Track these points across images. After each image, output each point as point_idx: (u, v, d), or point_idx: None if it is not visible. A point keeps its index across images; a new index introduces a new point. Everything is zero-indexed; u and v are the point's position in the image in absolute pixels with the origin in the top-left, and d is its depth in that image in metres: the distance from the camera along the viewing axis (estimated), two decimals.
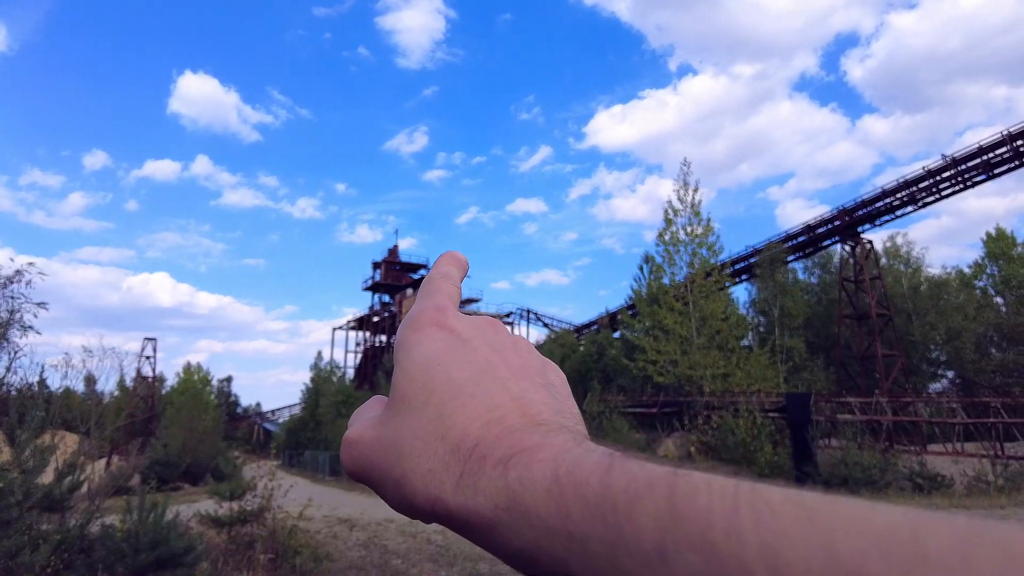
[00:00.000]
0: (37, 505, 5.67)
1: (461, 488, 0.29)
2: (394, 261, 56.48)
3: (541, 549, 0.25)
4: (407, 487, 0.31)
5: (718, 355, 21.24)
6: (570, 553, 0.24)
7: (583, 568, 0.24)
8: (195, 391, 39.78)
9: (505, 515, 0.26)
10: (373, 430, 0.34)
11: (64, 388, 10.63)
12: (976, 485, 14.23)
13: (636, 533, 0.22)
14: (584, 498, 0.24)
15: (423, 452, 0.31)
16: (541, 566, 0.26)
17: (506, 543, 0.27)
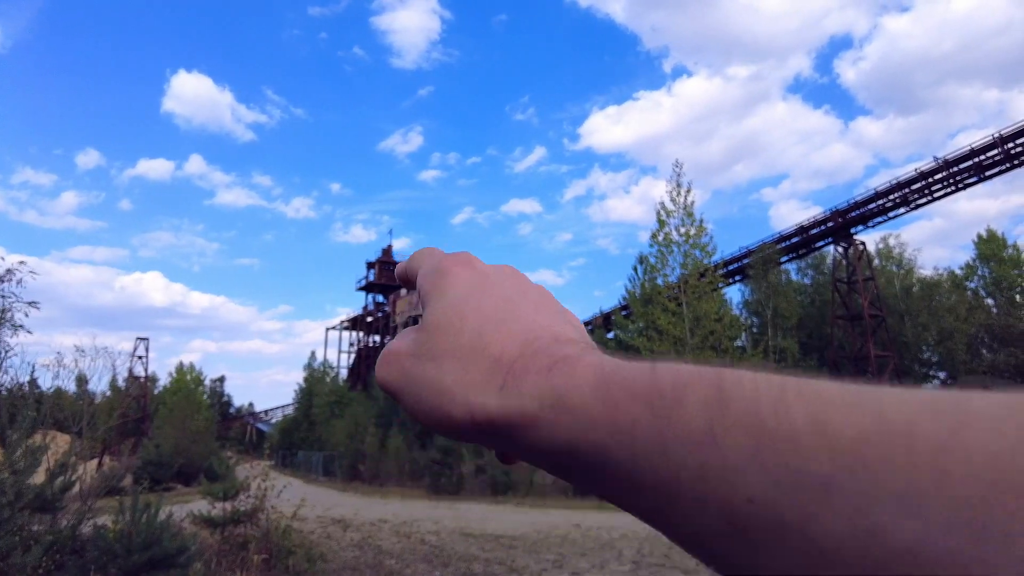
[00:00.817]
0: (28, 506, 5.63)
1: (504, 394, 0.29)
2: (388, 261, 56.41)
3: (585, 441, 0.25)
4: (446, 398, 0.31)
5: (712, 356, 21.29)
6: (615, 442, 0.24)
7: (628, 456, 0.24)
8: (188, 391, 39.64)
9: (550, 412, 0.27)
10: (413, 346, 0.35)
11: (55, 388, 10.58)
12: None
13: (684, 417, 0.23)
14: (631, 390, 0.25)
15: (463, 367, 0.32)
16: (581, 458, 0.26)
17: (549, 439, 0.27)
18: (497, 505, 16.68)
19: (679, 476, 0.22)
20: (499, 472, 20.07)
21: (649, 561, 7.97)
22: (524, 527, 11.46)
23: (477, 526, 11.80)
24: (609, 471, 0.25)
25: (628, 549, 8.86)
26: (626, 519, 12.08)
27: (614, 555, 8.49)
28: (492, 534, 10.67)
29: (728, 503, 0.21)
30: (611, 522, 11.73)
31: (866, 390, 0.20)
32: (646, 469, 0.23)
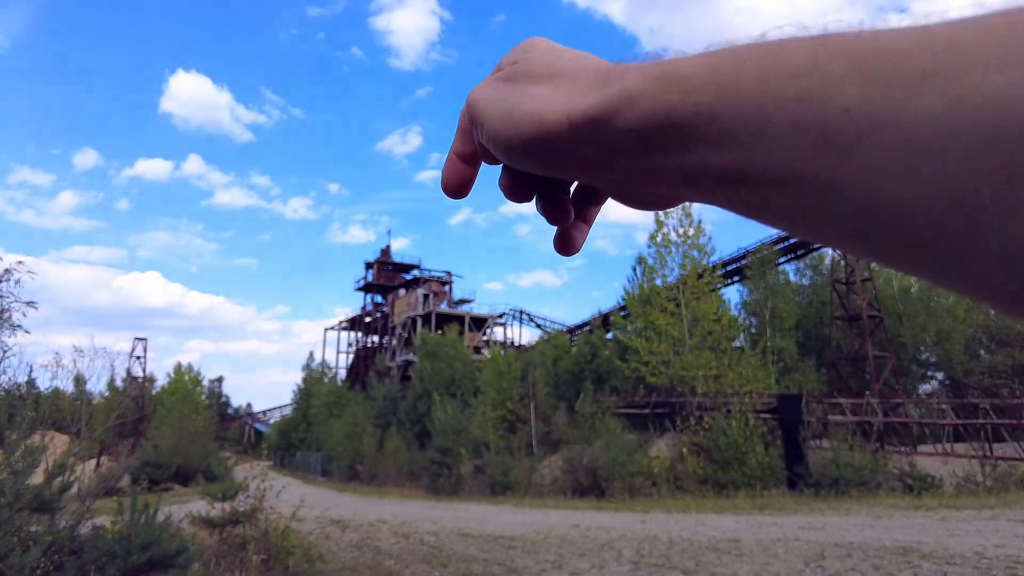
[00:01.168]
0: (27, 506, 5.62)
1: (606, 86, 0.28)
2: (387, 261, 56.35)
3: (687, 107, 0.25)
4: (541, 102, 0.30)
5: (710, 356, 21.30)
6: (719, 98, 0.24)
7: (730, 108, 0.24)
8: (186, 392, 39.60)
9: (653, 86, 0.26)
10: (508, 72, 0.34)
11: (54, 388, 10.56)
12: (965, 486, 14.33)
13: (787, 56, 0.23)
14: (734, 51, 0.25)
15: (563, 79, 0.31)
16: (680, 128, 0.25)
17: (648, 115, 0.26)
18: (496, 505, 16.68)
19: (780, 108, 0.23)
20: (498, 472, 20.07)
21: (648, 561, 7.97)
22: (523, 527, 11.46)
23: (476, 526, 11.79)
24: (708, 132, 0.25)
25: (627, 549, 8.86)
26: (625, 520, 12.08)
27: (613, 555, 8.49)
28: (491, 534, 10.66)
29: (824, 117, 0.22)
30: (610, 522, 11.73)
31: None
32: (748, 114, 0.24)
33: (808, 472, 15.60)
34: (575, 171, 0.31)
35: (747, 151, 0.24)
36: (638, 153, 0.28)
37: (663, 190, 0.31)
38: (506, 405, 25.30)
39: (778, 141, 0.23)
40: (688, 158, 0.26)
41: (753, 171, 0.24)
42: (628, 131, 0.27)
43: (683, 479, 17.82)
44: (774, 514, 12.27)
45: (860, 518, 10.98)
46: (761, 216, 0.27)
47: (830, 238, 0.25)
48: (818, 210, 0.24)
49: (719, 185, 0.26)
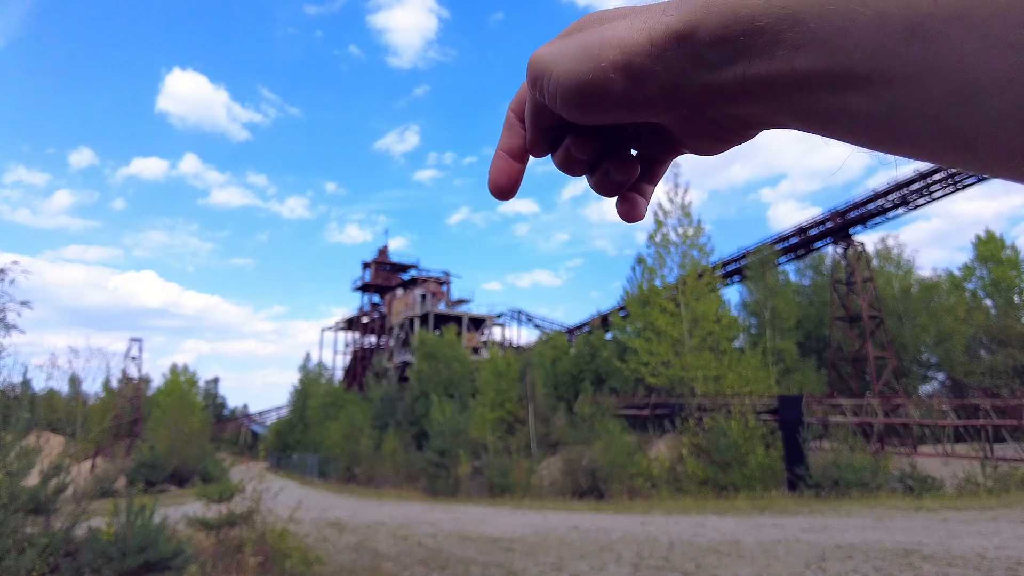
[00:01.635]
0: (22, 508, 5.55)
1: (683, 3, 0.28)
2: (384, 261, 56.28)
3: (768, 10, 0.25)
4: (617, 29, 0.30)
5: (710, 357, 21.25)
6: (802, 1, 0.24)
7: (816, 10, 0.24)
8: (182, 392, 39.45)
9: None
10: (571, 27, 0.34)
11: (49, 389, 10.48)
12: (966, 487, 14.29)
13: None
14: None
15: (630, 13, 0.31)
16: (764, 33, 0.26)
17: (731, 23, 0.26)
18: (494, 507, 16.61)
19: (863, 3, 0.23)
20: (496, 474, 20.00)
21: (649, 564, 7.91)
22: (522, 529, 11.39)
23: (475, 528, 11.72)
24: (792, 34, 0.25)
25: (627, 551, 8.80)
26: (624, 521, 12.02)
27: (613, 557, 8.43)
28: (490, 536, 10.60)
29: (909, 6, 0.22)
30: (610, 524, 11.67)
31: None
32: (831, 12, 0.24)
33: (809, 473, 15.55)
34: (655, 103, 0.31)
35: (832, 50, 0.24)
36: (723, 63, 0.27)
37: (744, 109, 0.30)
38: (505, 406, 25.24)
39: (863, 36, 0.23)
40: (774, 63, 0.26)
41: (839, 71, 0.24)
42: (712, 40, 0.27)
43: (683, 480, 17.76)
44: (775, 515, 12.21)
45: (861, 519, 10.93)
46: (842, 127, 0.26)
47: (916, 140, 0.24)
48: (906, 107, 0.23)
49: (802, 93, 0.26)
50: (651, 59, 0.29)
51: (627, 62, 0.29)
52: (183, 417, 32.73)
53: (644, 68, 0.29)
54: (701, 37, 0.27)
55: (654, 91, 0.30)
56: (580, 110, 0.32)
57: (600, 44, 0.30)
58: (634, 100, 0.31)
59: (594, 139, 0.36)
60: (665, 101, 0.30)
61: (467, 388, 30.44)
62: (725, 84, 0.28)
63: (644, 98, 0.30)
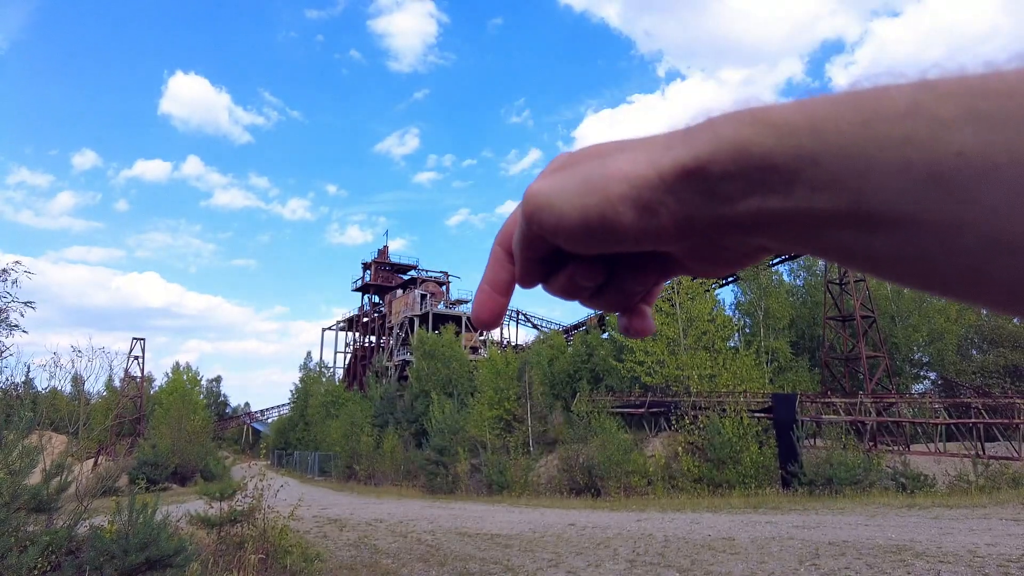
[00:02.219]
0: (24, 506, 5.66)
1: (691, 138, 0.28)
2: (384, 262, 56.34)
3: (784, 150, 0.25)
4: (621, 162, 0.29)
5: (705, 356, 21.40)
6: (817, 141, 0.24)
7: (829, 150, 0.24)
8: (184, 391, 39.46)
9: (748, 130, 0.26)
10: (566, 160, 0.33)
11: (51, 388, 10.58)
12: (958, 485, 14.44)
13: (888, 100, 0.23)
14: (828, 97, 0.25)
15: (632, 146, 0.30)
16: (779, 171, 0.25)
17: (745, 160, 0.26)
18: (492, 504, 16.73)
19: (884, 150, 0.23)
20: (495, 472, 20.14)
21: (644, 560, 8.04)
22: (520, 526, 11.52)
23: (473, 525, 11.85)
24: (809, 174, 0.25)
25: (623, 548, 8.93)
26: (620, 518, 12.16)
27: (609, 554, 8.55)
28: (488, 533, 10.72)
29: (935, 160, 0.22)
30: (606, 521, 11.80)
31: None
32: (850, 155, 0.23)
33: (802, 471, 15.69)
34: (666, 234, 0.30)
35: (854, 193, 0.24)
36: (737, 197, 0.27)
37: (759, 240, 0.29)
38: (503, 405, 25.36)
39: (885, 183, 0.23)
40: (791, 201, 0.26)
41: (863, 213, 0.24)
42: (725, 175, 0.27)
43: (678, 478, 17.91)
44: (768, 513, 12.35)
45: (854, 517, 11.07)
46: (861, 262, 0.26)
47: (949, 284, 0.24)
48: (937, 253, 0.23)
49: (823, 230, 0.26)
50: (661, 193, 0.28)
51: (636, 195, 0.29)
52: (185, 416, 32.79)
53: (654, 201, 0.29)
54: (713, 172, 0.27)
55: (665, 223, 0.29)
56: (586, 243, 0.31)
57: (605, 177, 0.30)
58: (644, 232, 0.30)
59: (599, 265, 0.36)
60: (676, 232, 0.30)
61: (466, 387, 30.56)
62: (740, 217, 0.28)
63: (655, 230, 0.30)
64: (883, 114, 0.23)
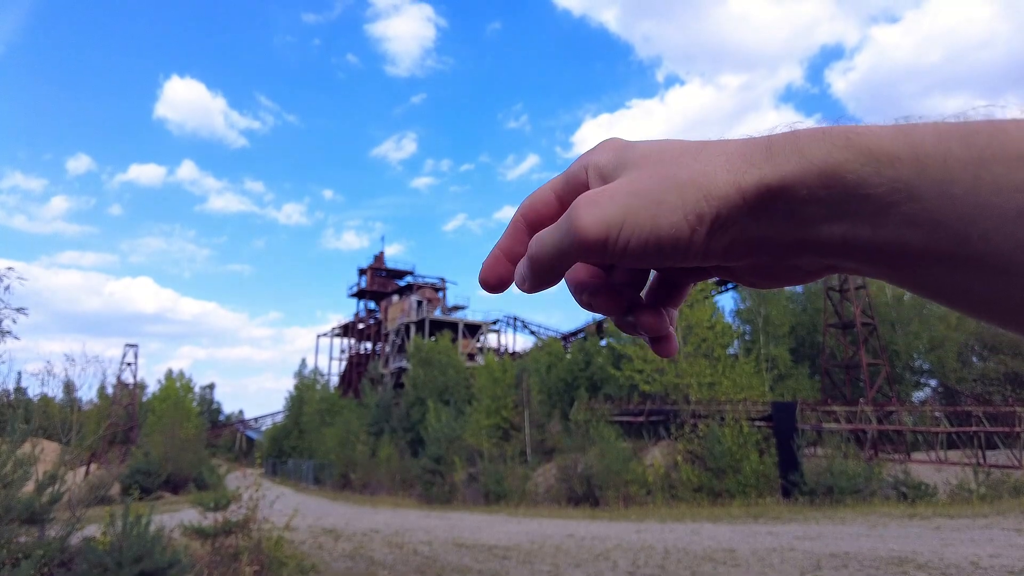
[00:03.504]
0: (17, 518, 5.54)
1: (774, 155, 0.26)
2: (380, 267, 56.23)
3: (880, 180, 0.23)
4: (698, 179, 0.27)
5: (704, 364, 21.33)
6: (921, 176, 0.23)
7: (933, 188, 0.23)
8: (177, 398, 39.26)
9: (841, 154, 0.24)
10: (618, 176, 0.30)
11: (43, 395, 10.45)
12: (959, 494, 14.36)
13: (1003, 142, 0.22)
14: (937, 130, 0.23)
15: (707, 155, 0.28)
16: (872, 201, 0.24)
17: (835, 187, 0.24)
18: (490, 514, 16.60)
19: (999, 194, 0.21)
20: (492, 481, 19.99)
21: (644, 572, 7.93)
22: (518, 537, 11.39)
23: (470, 536, 11.72)
24: (906, 209, 0.23)
25: (623, 559, 8.82)
26: (619, 529, 12.04)
27: (609, 565, 8.45)
28: (485, 544, 10.60)
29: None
30: (605, 532, 11.68)
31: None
32: (957, 196, 0.22)
33: (803, 480, 15.60)
34: (734, 251, 0.28)
35: (955, 235, 0.22)
36: (822, 221, 0.26)
37: (837, 263, 0.28)
38: (500, 413, 25.22)
39: (997, 229, 0.21)
40: (881, 232, 0.24)
41: (959, 255, 0.23)
42: (812, 199, 0.25)
43: (678, 487, 17.79)
44: (769, 523, 12.25)
45: (855, 527, 10.98)
46: (953, 300, 0.25)
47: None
48: (999, 265, 0.22)
49: (910, 263, 0.24)
50: (740, 212, 0.27)
51: (715, 215, 0.27)
52: (178, 423, 32.61)
53: (731, 220, 0.27)
54: (798, 195, 0.25)
55: (737, 241, 0.28)
56: (648, 261, 0.29)
57: (682, 194, 0.27)
58: (715, 250, 0.28)
59: (640, 274, 0.35)
60: (748, 250, 0.28)
61: (462, 394, 30.42)
62: (821, 241, 0.26)
63: (726, 247, 0.28)
64: (1000, 155, 0.21)
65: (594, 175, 0.32)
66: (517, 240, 0.36)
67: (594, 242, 0.28)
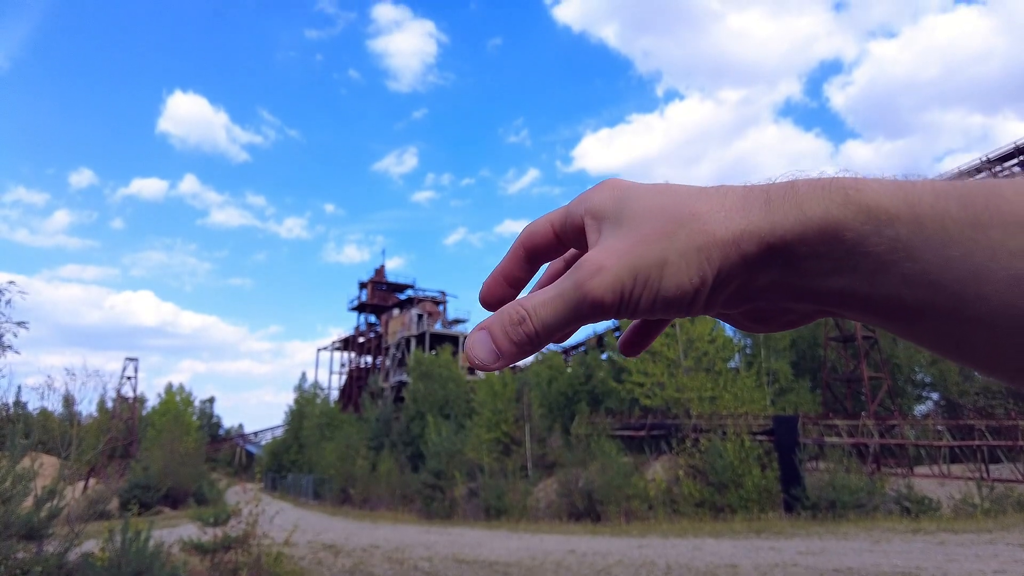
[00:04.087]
0: (15, 534, 5.50)
1: (773, 210, 0.26)
2: (381, 281, 56.26)
3: (879, 239, 0.23)
4: (697, 244, 0.27)
5: (705, 377, 21.28)
6: (919, 237, 0.23)
7: (932, 251, 0.23)
8: (177, 412, 39.18)
9: (840, 211, 0.24)
10: (618, 234, 0.30)
11: (42, 409, 10.42)
12: (963, 508, 14.27)
13: (1001, 205, 0.22)
14: (935, 189, 0.23)
15: (706, 210, 0.28)
16: (869, 260, 0.24)
17: (834, 243, 0.24)
18: (490, 530, 16.48)
19: (995, 260, 0.21)
20: (492, 496, 19.87)
21: None
22: (519, 553, 11.31)
23: (471, 552, 11.64)
24: (904, 268, 0.23)
25: (624, 575, 8.75)
26: (621, 544, 11.95)
27: None
28: (486, 560, 10.52)
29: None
30: (607, 547, 11.60)
31: None
32: (954, 259, 0.22)
33: (805, 494, 15.51)
34: (732, 302, 0.29)
35: (951, 295, 0.22)
36: (821, 275, 0.26)
37: (834, 312, 0.28)
38: (500, 427, 25.12)
39: (993, 292, 0.21)
40: (880, 288, 0.24)
41: (956, 312, 0.23)
42: (811, 255, 0.25)
43: (679, 502, 17.68)
44: (771, 538, 12.16)
45: (858, 542, 10.90)
46: (948, 352, 0.25)
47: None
48: (996, 329, 0.22)
49: (906, 316, 0.24)
50: (740, 268, 0.27)
51: (716, 273, 0.27)
52: (178, 437, 32.46)
53: (732, 276, 0.27)
54: (798, 252, 0.26)
55: (737, 292, 0.28)
56: (651, 313, 0.30)
57: (683, 256, 0.28)
58: (713, 303, 0.29)
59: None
60: (744, 299, 0.29)
61: (463, 408, 30.32)
62: (819, 291, 0.27)
63: (724, 298, 0.29)
64: (997, 219, 0.21)
65: (591, 222, 0.32)
66: (516, 265, 0.37)
67: (610, 306, 0.29)
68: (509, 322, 0.31)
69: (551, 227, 0.36)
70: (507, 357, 0.31)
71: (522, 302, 0.31)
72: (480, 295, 0.38)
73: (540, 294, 0.31)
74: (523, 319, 0.30)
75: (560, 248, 0.37)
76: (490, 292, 0.38)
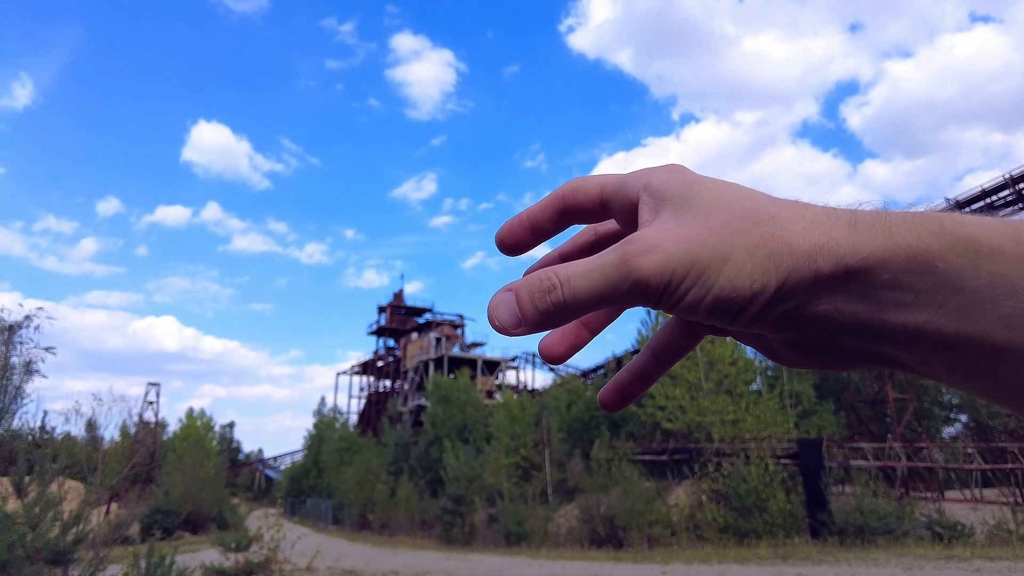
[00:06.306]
0: (42, 559, 5.55)
1: (858, 231, 0.24)
2: (399, 305, 56.52)
3: (977, 274, 0.22)
4: (768, 247, 0.25)
5: (727, 400, 21.01)
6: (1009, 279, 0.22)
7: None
8: (197, 437, 39.41)
9: (936, 242, 0.23)
10: (681, 219, 0.28)
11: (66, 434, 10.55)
12: (997, 534, 13.85)
13: None
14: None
15: (785, 216, 0.26)
16: (967, 294, 0.22)
17: (929, 267, 0.23)
18: (511, 556, 16.29)
19: None
20: (512, 521, 19.66)
21: None
22: None
23: None
24: (1005, 306, 0.22)
25: None
26: (644, 571, 11.75)
27: None
28: None
29: None
30: (629, 574, 11.41)
31: None
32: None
33: (831, 519, 15.16)
34: (783, 322, 0.26)
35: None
36: (899, 307, 0.24)
37: (884, 351, 0.26)
38: (519, 451, 24.93)
39: None
40: (967, 326, 0.22)
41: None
42: (894, 284, 0.23)
43: (703, 528, 17.36)
44: (798, 564, 11.89)
45: (889, 569, 10.62)
46: (1016, 402, 0.23)
47: None
48: None
49: (994, 365, 0.22)
50: (808, 286, 0.25)
51: (780, 284, 0.25)
52: (198, 462, 32.62)
53: (795, 292, 0.25)
54: (880, 278, 0.24)
55: (791, 313, 0.26)
56: (694, 315, 0.27)
57: (750, 256, 0.25)
58: (763, 318, 0.26)
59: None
60: (795, 323, 0.26)
61: (481, 433, 30.15)
62: (889, 327, 0.24)
63: (775, 317, 0.26)
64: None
65: (648, 199, 0.30)
66: (546, 215, 0.34)
67: (654, 289, 0.26)
68: (539, 288, 0.28)
69: (600, 190, 0.33)
70: (529, 324, 0.28)
71: (556, 270, 0.28)
72: (498, 234, 0.36)
73: (576, 264, 0.28)
74: (554, 287, 0.27)
75: (600, 215, 0.34)
76: (510, 232, 0.35)
